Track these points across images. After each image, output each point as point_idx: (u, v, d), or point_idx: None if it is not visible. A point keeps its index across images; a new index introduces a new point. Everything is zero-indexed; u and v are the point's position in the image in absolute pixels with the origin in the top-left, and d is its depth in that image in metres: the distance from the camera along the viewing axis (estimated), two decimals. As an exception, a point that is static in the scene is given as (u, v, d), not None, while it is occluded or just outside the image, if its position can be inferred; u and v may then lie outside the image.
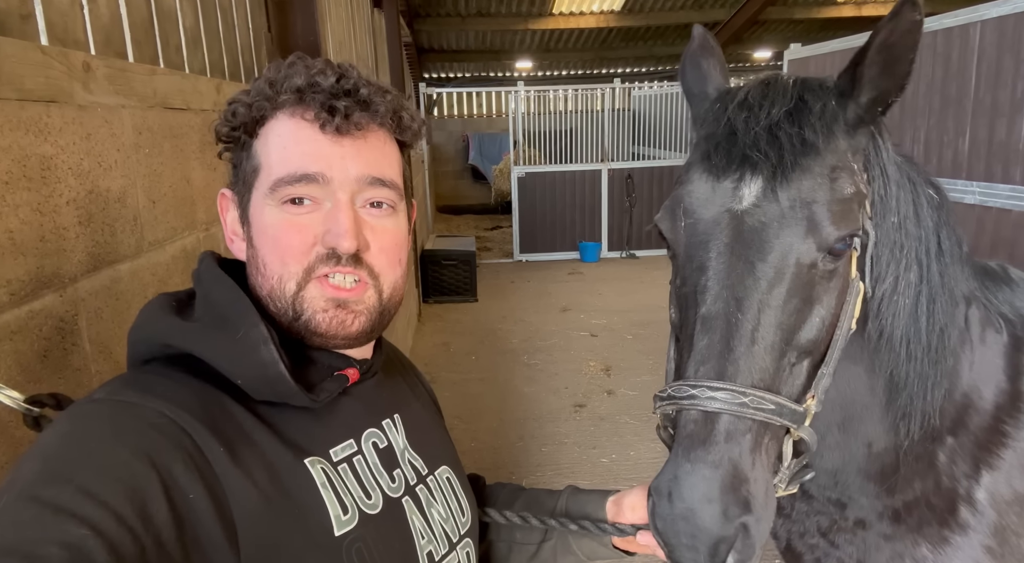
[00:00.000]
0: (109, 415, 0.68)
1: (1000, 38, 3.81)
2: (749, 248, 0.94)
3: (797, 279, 0.94)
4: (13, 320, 0.86)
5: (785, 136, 0.95)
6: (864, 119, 1.01)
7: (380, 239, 0.86)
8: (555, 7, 12.76)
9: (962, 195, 3.98)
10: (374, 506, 0.84)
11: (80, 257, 1.01)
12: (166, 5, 1.88)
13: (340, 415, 0.87)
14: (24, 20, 1.21)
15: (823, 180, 0.95)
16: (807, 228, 0.93)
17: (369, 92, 0.85)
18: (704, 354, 0.91)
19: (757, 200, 0.95)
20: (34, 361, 0.90)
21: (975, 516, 1.25)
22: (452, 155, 15.88)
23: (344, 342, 0.86)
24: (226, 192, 0.90)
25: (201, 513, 0.66)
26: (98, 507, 0.58)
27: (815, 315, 0.96)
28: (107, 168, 1.11)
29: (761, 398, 0.88)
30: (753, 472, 0.87)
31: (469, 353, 6.03)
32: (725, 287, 0.93)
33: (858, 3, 13.10)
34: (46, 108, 0.96)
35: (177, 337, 0.78)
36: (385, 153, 0.88)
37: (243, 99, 0.84)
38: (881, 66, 0.95)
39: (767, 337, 0.92)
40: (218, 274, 0.83)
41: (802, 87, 1.02)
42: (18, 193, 0.88)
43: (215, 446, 0.70)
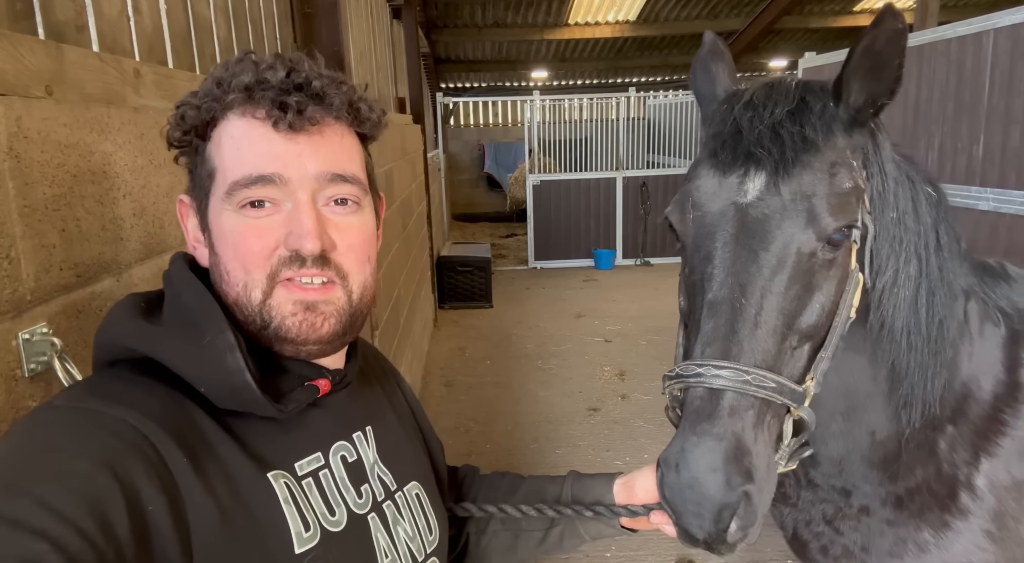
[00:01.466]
0: (69, 423, 0.66)
1: (1013, 46, 3.84)
2: (753, 238, 1.00)
3: (797, 267, 1.00)
4: (80, 300, 0.94)
5: (787, 134, 1.02)
6: (858, 120, 1.06)
7: (346, 237, 0.83)
8: (571, 17, 12.87)
9: (976, 201, 4.00)
10: (337, 523, 0.81)
11: (134, 245, 1.10)
12: (202, 17, 1.98)
13: (309, 427, 0.84)
14: (79, 31, 1.31)
15: (822, 175, 1.02)
16: (807, 219, 1.00)
17: (322, 84, 0.80)
18: (710, 336, 0.98)
19: (761, 194, 1.02)
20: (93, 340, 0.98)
21: (975, 501, 1.29)
22: (468, 163, 16.02)
23: (316, 347, 0.83)
24: (184, 198, 0.87)
25: (160, 526, 0.64)
26: (58, 521, 0.56)
27: (815, 302, 1.02)
28: (157, 165, 1.20)
29: (763, 377, 0.94)
30: (756, 446, 0.93)
31: (484, 358, 6.09)
32: (730, 274, 0.99)
33: (874, 12, 13.08)
34: (106, 109, 1.05)
35: (141, 341, 0.75)
36: (344, 147, 0.84)
37: (191, 101, 0.81)
38: (867, 71, 1.01)
39: (769, 321, 0.98)
40: (188, 277, 0.80)
41: (803, 89, 1.09)
42: (84, 185, 0.97)
43: (179, 457, 0.68)
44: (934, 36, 4.45)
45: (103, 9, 1.39)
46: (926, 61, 4.53)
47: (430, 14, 12.12)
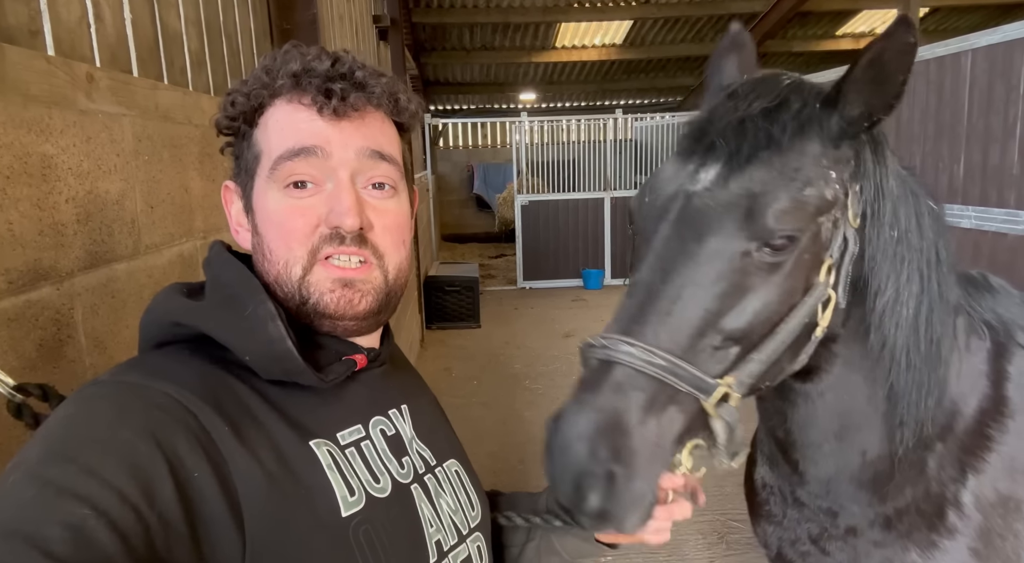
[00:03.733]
0: (113, 396, 0.68)
1: (991, 66, 3.88)
2: (689, 226, 0.98)
3: (725, 263, 0.96)
4: (10, 308, 0.89)
5: (752, 128, 0.99)
6: (849, 132, 1.01)
7: (383, 219, 0.86)
8: (558, 40, 13.01)
9: (958, 219, 4.02)
10: (382, 490, 0.83)
11: (78, 253, 1.05)
12: (171, 29, 1.95)
13: (347, 400, 0.86)
14: (33, 36, 1.28)
15: (778, 176, 0.97)
16: (745, 217, 0.96)
17: (364, 75, 0.85)
18: (621, 313, 0.96)
19: (711, 184, 0.99)
20: (30, 349, 0.93)
21: (962, 519, 1.25)
22: (457, 185, 16.08)
23: (353, 323, 0.86)
24: (229, 184, 0.91)
25: (206, 492, 0.66)
26: (101, 486, 0.58)
27: (746, 304, 0.96)
28: (107, 171, 1.15)
29: (653, 352, 0.90)
30: (638, 429, 0.88)
31: (471, 378, 6.03)
32: (658, 257, 0.98)
33: (856, 36, 13.32)
34: (48, 110, 1.01)
35: (185, 315, 0.78)
36: (384, 131, 0.88)
37: (241, 89, 0.85)
38: (870, 83, 0.97)
39: (685, 310, 0.94)
40: (227, 257, 0.84)
41: (791, 88, 1.04)
42: (19, 188, 0.92)
43: (220, 426, 0.70)
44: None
45: (60, 15, 1.36)
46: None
47: (418, 36, 12.22)
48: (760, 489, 1.51)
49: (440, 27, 12.09)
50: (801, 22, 12.36)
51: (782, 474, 1.41)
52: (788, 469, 1.36)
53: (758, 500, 1.52)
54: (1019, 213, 3.64)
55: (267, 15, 2.89)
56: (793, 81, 1.06)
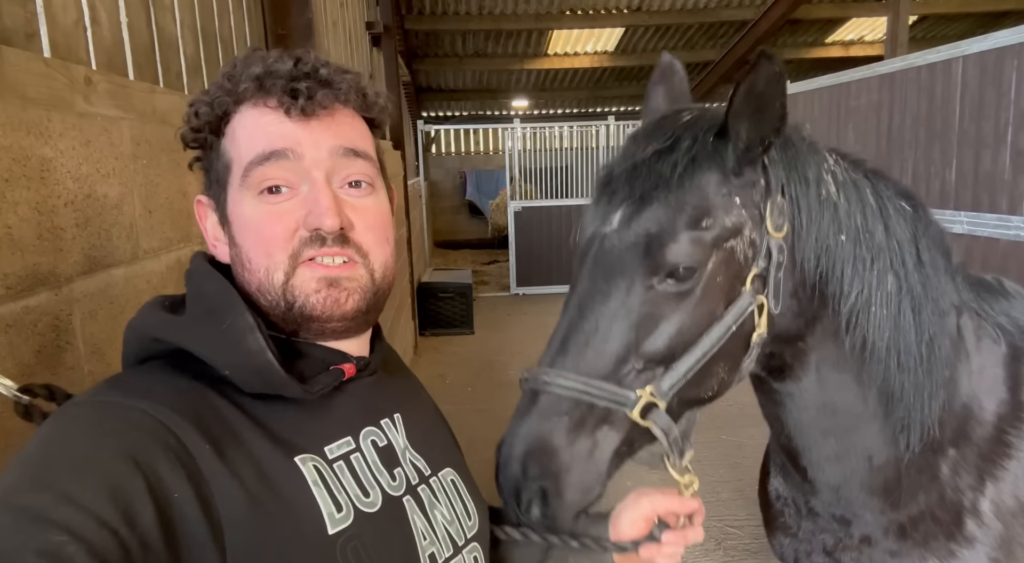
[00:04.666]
0: (91, 417, 0.67)
1: (982, 72, 3.91)
2: (599, 265, 1.06)
3: (633, 297, 1.03)
4: (8, 313, 0.87)
5: (644, 170, 1.07)
6: (746, 159, 1.07)
7: (364, 217, 0.84)
8: (550, 48, 13.05)
9: (951, 224, 4.04)
10: (372, 504, 0.81)
11: (76, 258, 1.03)
12: (167, 33, 1.94)
13: (336, 412, 0.84)
14: (29, 39, 1.26)
15: (672, 212, 1.04)
16: (645, 254, 1.03)
17: (329, 72, 0.83)
18: (547, 349, 1.05)
19: (617, 226, 1.07)
20: (29, 355, 0.91)
21: (981, 528, 1.24)
22: (449, 191, 16.07)
23: (340, 324, 0.84)
24: (202, 198, 0.89)
25: (187, 513, 0.65)
26: (78, 511, 0.57)
27: (661, 330, 1.03)
28: (105, 175, 1.14)
29: (567, 377, 0.99)
30: (567, 448, 0.98)
31: (465, 385, 6.01)
32: (578, 296, 1.06)
33: (845, 44, 13.43)
34: (47, 112, 0.99)
35: (164, 330, 0.77)
36: (355, 128, 0.87)
37: (203, 99, 0.83)
38: (751, 113, 1.03)
39: (600, 341, 1.02)
40: (206, 269, 0.82)
41: (685, 126, 1.10)
42: (17, 191, 0.90)
43: (201, 444, 0.69)
44: (904, 64, 4.53)
45: (57, 18, 1.35)
46: (897, 88, 4.60)
47: (411, 43, 12.24)
48: (774, 501, 1.50)
49: (433, 34, 12.10)
50: (791, 30, 12.46)
51: (794, 484, 1.40)
52: (799, 478, 1.35)
53: (772, 512, 1.51)
54: (1011, 218, 3.66)
55: (262, 21, 2.88)
56: (691, 117, 1.12)
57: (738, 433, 4.48)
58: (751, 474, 1.60)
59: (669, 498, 1.04)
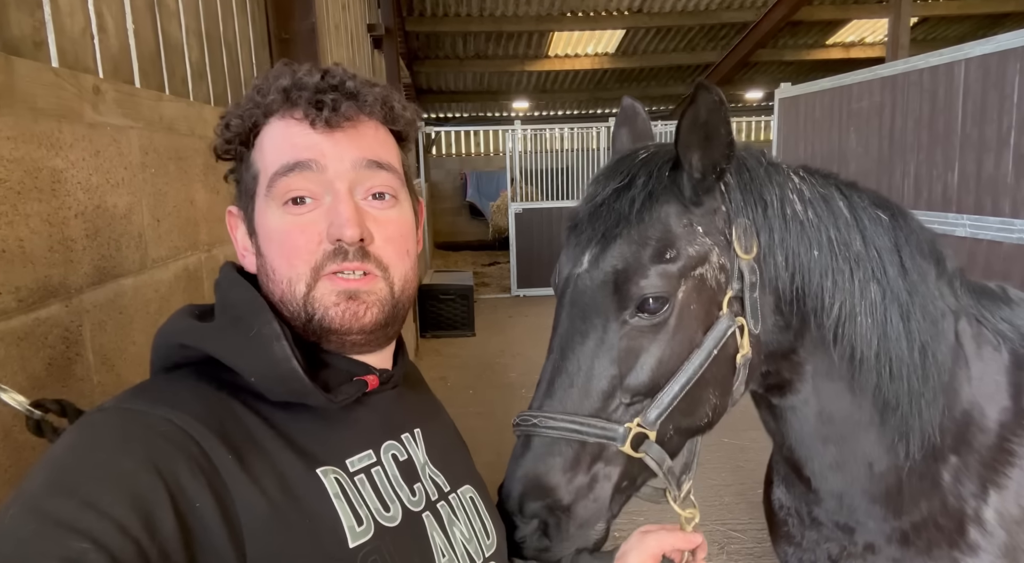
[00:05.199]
0: (115, 424, 0.68)
1: (984, 75, 3.91)
2: (574, 306, 1.09)
3: (610, 334, 1.06)
4: (20, 326, 0.87)
5: (605, 210, 1.10)
6: (702, 187, 1.09)
7: (385, 230, 0.85)
8: (551, 50, 13.06)
9: (953, 228, 4.04)
10: (392, 519, 0.80)
11: (86, 269, 1.03)
12: (173, 39, 1.94)
13: (358, 425, 0.84)
14: (37, 47, 1.26)
15: (636, 247, 1.07)
16: (614, 290, 1.06)
17: (355, 84, 0.84)
18: (536, 393, 1.07)
19: (586, 265, 1.10)
20: (39, 368, 0.91)
21: (984, 537, 1.24)
22: (450, 193, 16.07)
23: (360, 337, 0.84)
24: (232, 209, 0.90)
25: (208, 522, 0.65)
26: (100, 519, 0.58)
27: (642, 363, 1.05)
28: (114, 185, 1.14)
29: (556, 418, 1.02)
30: (565, 486, 1.01)
31: (467, 387, 6.00)
32: (559, 337, 1.09)
33: (846, 46, 13.44)
34: (58, 124, 0.99)
35: (192, 336, 0.78)
36: (379, 140, 0.87)
37: (235, 111, 0.85)
38: (699, 142, 1.05)
39: (584, 381, 1.05)
40: (235, 278, 0.83)
41: (641, 164, 1.13)
42: (29, 203, 0.90)
43: (223, 453, 0.69)
44: (906, 67, 4.53)
45: (64, 26, 1.34)
46: (900, 91, 4.60)
47: (412, 45, 12.24)
48: (778, 511, 1.50)
49: (434, 36, 12.11)
50: (792, 32, 12.47)
51: (798, 494, 1.41)
52: (803, 488, 1.35)
53: (776, 521, 1.51)
54: (1014, 222, 3.66)
55: (266, 25, 2.88)
56: (647, 155, 1.16)
57: (740, 436, 4.47)
58: (754, 478, 1.61)
59: (673, 535, 1.05)
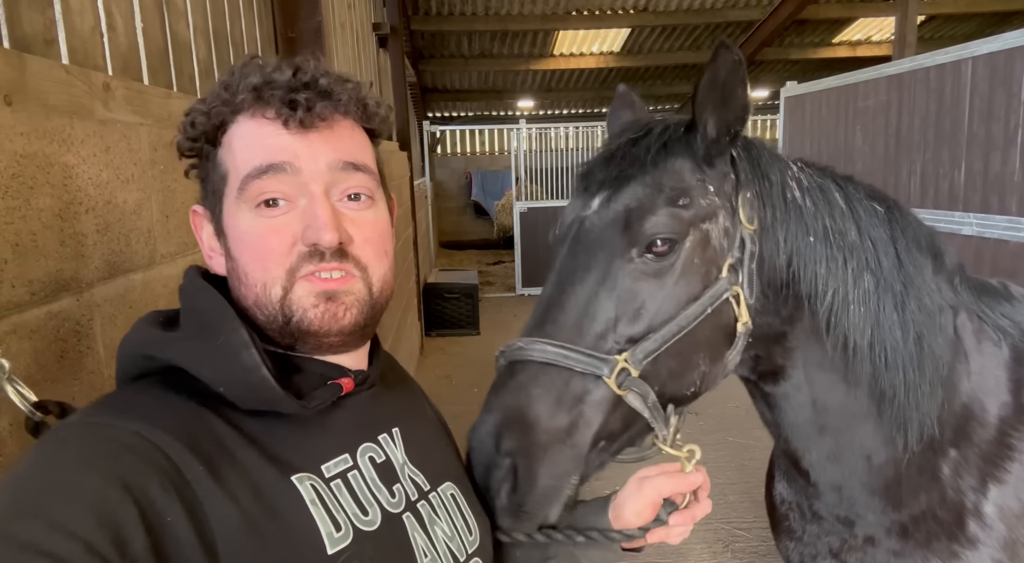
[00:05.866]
0: (80, 439, 0.65)
1: (992, 73, 3.90)
2: (579, 244, 1.10)
3: (613, 270, 1.06)
4: (33, 319, 0.88)
5: (621, 155, 1.12)
6: (716, 149, 1.11)
7: (362, 230, 0.83)
8: (556, 48, 13.06)
9: (959, 226, 4.03)
10: (371, 522, 0.79)
11: (97, 264, 1.05)
12: (181, 37, 1.95)
13: (334, 428, 0.82)
14: (48, 45, 1.27)
15: (649, 190, 1.08)
16: (624, 227, 1.07)
17: (329, 82, 0.82)
18: (526, 325, 1.07)
19: (596, 207, 1.11)
20: (51, 361, 0.92)
21: (984, 530, 1.25)
22: (455, 191, 16.10)
23: (338, 339, 0.82)
24: (197, 209, 0.87)
25: (181, 537, 0.63)
26: (67, 539, 0.55)
27: (640, 306, 1.05)
28: (124, 181, 1.15)
29: (547, 343, 0.99)
30: (544, 422, 0.97)
31: (472, 385, 6.01)
32: (556, 273, 1.09)
33: (852, 44, 13.40)
34: (69, 120, 1.00)
35: (156, 347, 0.75)
36: (355, 140, 0.85)
37: (200, 108, 0.81)
38: (716, 103, 1.07)
39: (579, 312, 1.03)
40: (200, 284, 0.80)
41: (658, 121, 1.16)
42: (42, 198, 0.91)
43: (195, 465, 0.67)
44: (913, 65, 4.52)
45: (75, 24, 1.36)
46: (906, 89, 4.59)
47: (417, 44, 12.26)
48: (779, 505, 1.51)
49: (439, 35, 12.12)
50: (798, 30, 12.44)
51: (798, 488, 1.42)
52: (803, 481, 1.36)
53: (778, 516, 1.52)
54: (1021, 220, 3.65)
55: (272, 24, 2.89)
56: (662, 118, 1.19)
57: (745, 435, 4.47)
58: (758, 476, 1.61)
59: (672, 478, 1.02)
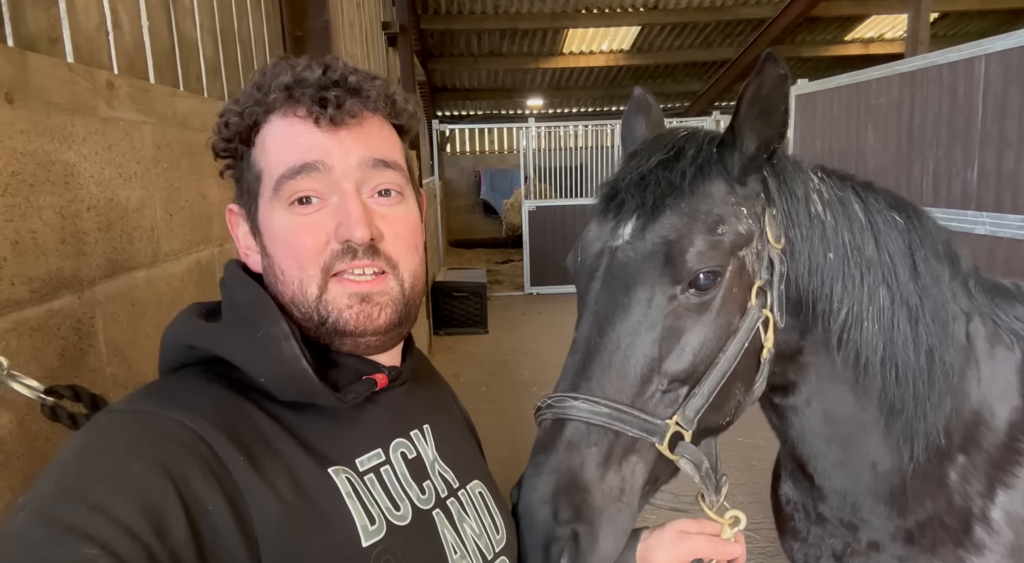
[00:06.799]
0: (125, 426, 0.67)
1: (1005, 71, 3.85)
2: (615, 279, 1.02)
3: (655, 309, 0.99)
4: (33, 317, 0.88)
5: (654, 180, 1.04)
6: (751, 166, 1.06)
7: (393, 227, 0.84)
8: (565, 46, 13.03)
9: (972, 226, 3.98)
10: (403, 517, 0.80)
11: (99, 262, 1.05)
12: (188, 36, 1.96)
13: (367, 423, 0.83)
14: (53, 43, 1.28)
15: (687, 219, 1.01)
16: (664, 262, 0.99)
17: (358, 79, 0.83)
18: (565, 372, 0.99)
19: (629, 237, 1.04)
20: (52, 359, 0.92)
21: (991, 536, 1.23)
22: (464, 190, 16.11)
23: (375, 339, 0.84)
24: (233, 207, 0.89)
25: (221, 525, 0.64)
26: (111, 524, 0.57)
27: (684, 345, 0.99)
28: (127, 179, 1.15)
29: (598, 403, 0.93)
30: (598, 484, 0.91)
31: (479, 384, 6.01)
32: (592, 312, 1.01)
33: (864, 42, 13.29)
34: (71, 117, 1.00)
35: (199, 337, 0.77)
36: (384, 136, 0.86)
37: (234, 109, 0.83)
38: (757, 117, 1.02)
39: (624, 359, 0.97)
40: (241, 277, 0.82)
41: (686, 139, 1.09)
42: (42, 196, 0.92)
43: (235, 454, 0.68)
44: (925, 62, 4.47)
45: (79, 22, 1.36)
46: (918, 87, 4.54)
47: (426, 43, 12.27)
48: (784, 505, 1.50)
49: (448, 33, 12.12)
50: (809, 28, 12.35)
51: (803, 490, 1.41)
52: (807, 484, 1.36)
53: (783, 516, 1.51)
54: (1035, 219, 3.61)
55: (280, 22, 2.90)
56: (688, 132, 1.12)
57: (754, 435, 4.44)
58: (767, 477, 1.60)
59: (712, 544, 1.01)
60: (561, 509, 0.89)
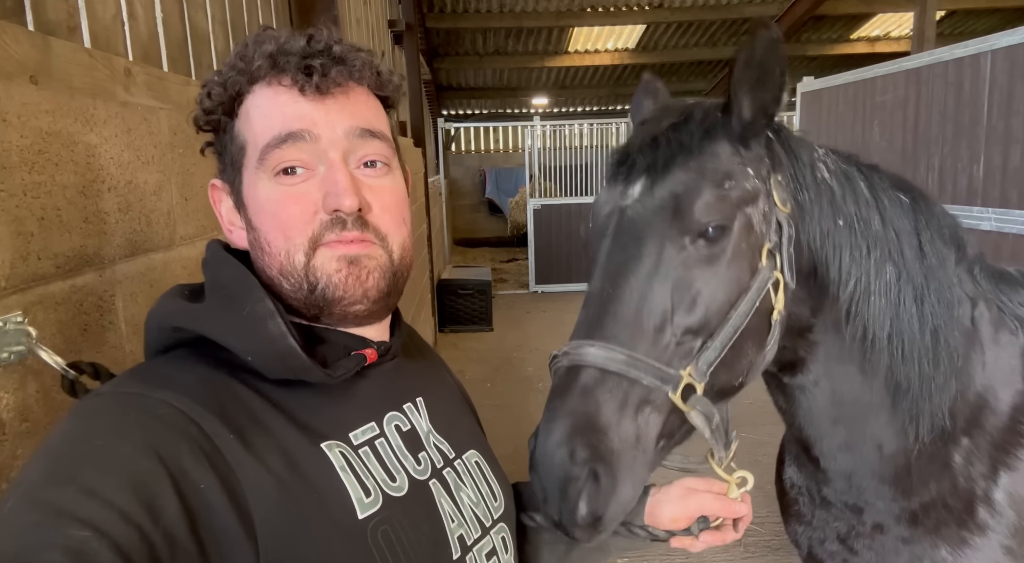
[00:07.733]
0: (112, 409, 0.67)
1: (1011, 67, 3.85)
2: (625, 234, 1.04)
3: (666, 260, 1.01)
4: (58, 291, 0.91)
5: (663, 140, 1.07)
6: (751, 130, 1.08)
7: (380, 198, 0.83)
8: (571, 45, 13.04)
9: (978, 222, 3.98)
10: (399, 488, 0.80)
11: (119, 241, 1.07)
12: (199, 28, 1.99)
13: (359, 397, 0.84)
14: (71, 31, 1.31)
15: (695, 176, 1.04)
16: (674, 214, 1.02)
17: (342, 49, 0.82)
18: (579, 324, 1.01)
19: (639, 196, 1.06)
20: (76, 333, 0.95)
21: (994, 517, 1.25)
22: (469, 189, 16.14)
23: (363, 306, 0.82)
24: (216, 182, 0.87)
25: (214, 504, 0.64)
26: (101, 506, 0.56)
27: (695, 295, 1.01)
28: (145, 162, 1.17)
29: (613, 349, 0.93)
30: (615, 428, 0.91)
31: (484, 381, 6.04)
32: (604, 268, 1.03)
33: (871, 40, 13.27)
34: (92, 101, 1.03)
35: (184, 318, 0.76)
36: (370, 107, 0.85)
37: (216, 79, 0.81)
38: (753, 83, 1.04)
39: (637, 309, 0.98)
40: (223, 256, 0.81)
41: (694, 106, 1.13)
42: (66, 175, 0.94)
43: (225, 434, 0.68)
44: (931, 59, 4.47)
45: (97, 12, 1.39)
46: (924, 84, 4.54)
47: (432, 42, 12.29)
48: (789, 489, 1.52)
49: (454, 32, 12.15)
50: (815, 26, 12.33)
51: (808, 473, 1.42)
52: (812, 467, 1.37)
53: (788, 500, 1.52)
54: (1040, 215, 3.61)
55: (289, 18, 2.93)
56: (696, 101, 1.15)
57: (758, 430, 4.45)
58: (772, 472, 1.61)
59: (719, 502, 1.02)
60: (578, 449, 0.88)
